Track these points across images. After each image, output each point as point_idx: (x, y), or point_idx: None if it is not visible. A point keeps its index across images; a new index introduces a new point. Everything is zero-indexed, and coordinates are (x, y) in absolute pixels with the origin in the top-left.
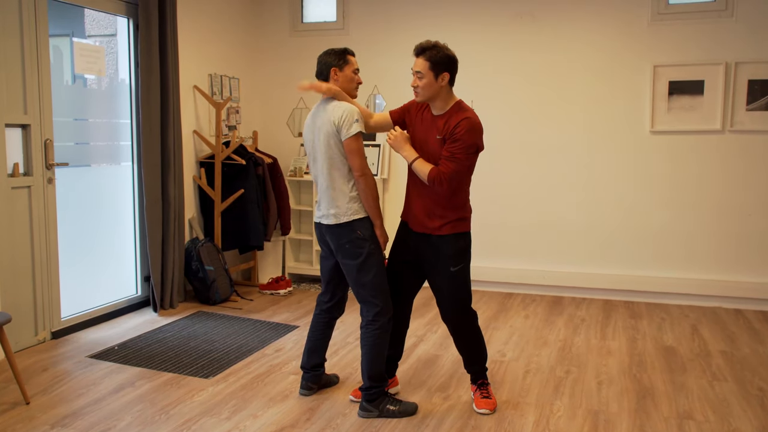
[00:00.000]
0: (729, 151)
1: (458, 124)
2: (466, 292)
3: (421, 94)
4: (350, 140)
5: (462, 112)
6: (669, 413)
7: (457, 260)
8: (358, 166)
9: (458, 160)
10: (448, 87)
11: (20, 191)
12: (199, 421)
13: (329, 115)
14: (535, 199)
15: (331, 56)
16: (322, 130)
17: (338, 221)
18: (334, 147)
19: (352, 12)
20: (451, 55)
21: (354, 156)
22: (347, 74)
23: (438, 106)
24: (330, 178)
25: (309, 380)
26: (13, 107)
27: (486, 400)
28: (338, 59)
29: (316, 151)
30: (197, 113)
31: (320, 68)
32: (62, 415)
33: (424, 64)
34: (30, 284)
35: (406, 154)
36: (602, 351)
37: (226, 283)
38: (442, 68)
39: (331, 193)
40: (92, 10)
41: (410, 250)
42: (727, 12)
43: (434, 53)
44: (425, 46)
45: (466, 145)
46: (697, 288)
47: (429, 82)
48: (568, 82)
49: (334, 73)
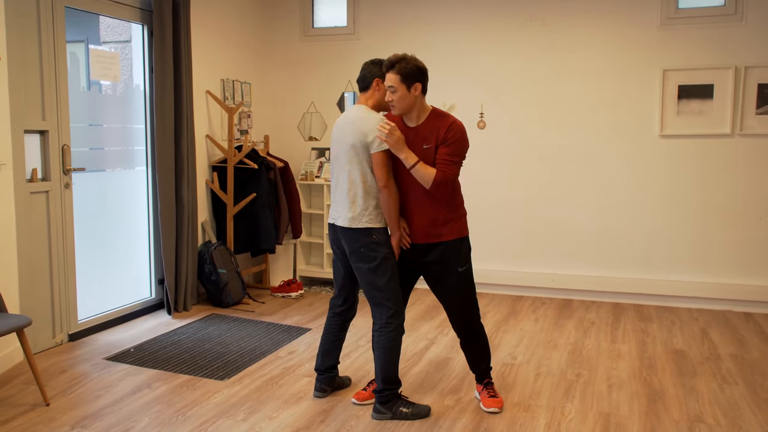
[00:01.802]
0: (738, 155)
1: (449, 129)
2: (473, 292)
3: (397, 107)
4: (378, 153)
5: (444, 117)
6: (680, 417)
7: (464, 261)
8: (383, 178)
9: (456, 163)
10: (421, 97)
11: (38, 196)
12: (216, 422)
13: (361, 123)
14: (544, 203)
15: (377, 66)
16: (352, 136)
17: (353, 225)
18: (361, 155)
19: (362, 17)
20: (420, 66)
21: (380, 167)
22: (385, 87)
23: (414, 117)
24: (354, 183)
25: (323, 382)
26: (32, 113)
27: (494, 399)
28: (382, 71)
29: (341, 153)
30: (210, 118)
31: (364, 75)
32: (82, 416)
33: (395, 77)
34: (48, 288)
35: (406, 156)
36: (612, 354)
37: (239, 285)
38: (413, 79)
39: (352, 197)
40: (107, 17)
41: (408, 256)
42: (736, 16)
43: (403, 66)
44: (393, 60)
45: (462, 147)
46: (707, 291)
47: (403, 95)
48: (578, 86)
49: (377, 84)
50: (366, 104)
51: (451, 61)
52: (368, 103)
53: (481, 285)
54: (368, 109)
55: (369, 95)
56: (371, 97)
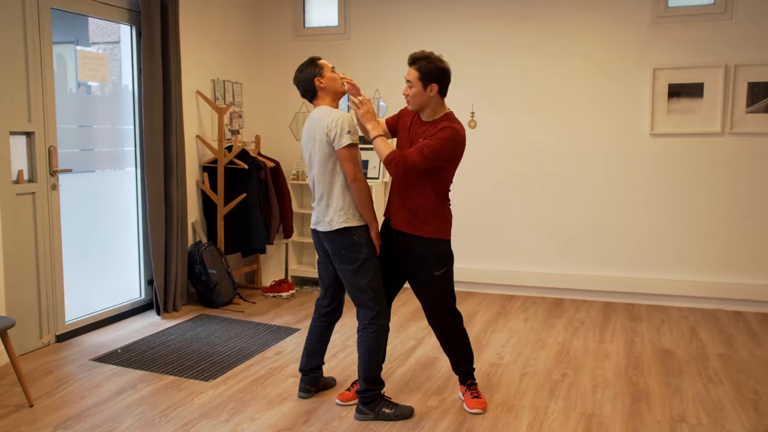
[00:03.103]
0: (729, 154)
1: (442, 129)
2: (450, 296)
3: (411, 102)
4: (343, 149)
5: (449, 121)
6: (662, 416)
7: (440, 264)
8: (350, 173)
9: (424, 156)
10: (438, 98)
11: (25, 198)
12: (198, 423)
13: (322, 122)
14: (535, 202)
15: (305, 71)
16: (317, 137)
17: (332, 228)
18: (327, 154)
19: (353, 17)
20: (442, 67)
21: (346, 163)
22: (328, 76)
23: (427, 115)
24: (324, 184)
25: (307, 383)
26: (17, 115)
27: (477, 399)
28: (314, 68)
29: (313, 157)
30: (200, 118)
31: (305, 86)
32: (65, 418)
33: (415, 73)
34: (35, 289)
35: (372, 128)
36: (599, 354)
37: (229, 286)
38: (431, 79)
39: (326, 200)
40: (96, 19)
41: (392, 249)
42: (726, 15)
43: (424, 64)
44: (417, 56)
45: (440, 147)
46: (697, 290)
47: (418, 92)
48: (568, 85)
49: (318, 83)
50: (323, 104)
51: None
52: (324, 102)
53: (471, 284)
54: (329, 108)
55: (321, 97)
56: (324, 96)
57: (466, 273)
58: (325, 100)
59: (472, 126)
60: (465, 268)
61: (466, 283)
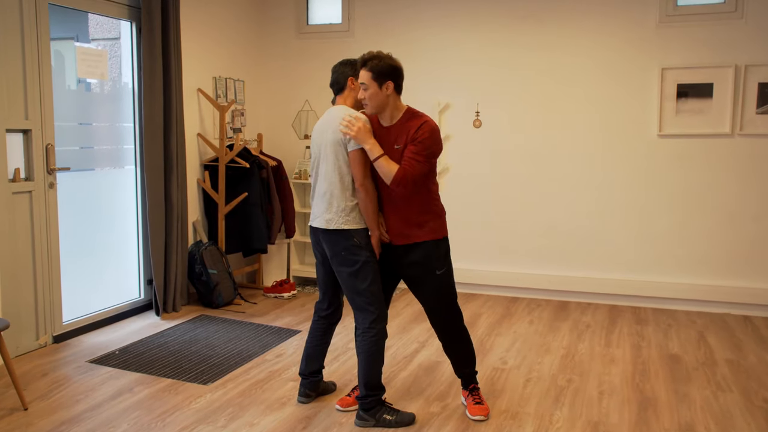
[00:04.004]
0: (738, 155)
1: (420, 128)
2: (453, 292)
3: (369, 105)
4: (356, 151)
5: (418, 117)
6: (670, 425)
7: (441, 263)
8: (360, 177)
9: (421, 162)
10: (394, 95)
11: (21, 196)
12: (196, 428)
13: (339, 120)
14: (541, 203)
15: (348, 66)
16: (330, 134)
17: (330, 226)
18: (339, 153)
19: (357, 14)
20: (393, 65)
21: (356, 166)
22: (359, 84)
23: (388, 116)
24: (331, 183)
25: (307, 387)
26: (14, 112)
27: (479, 406)
28: (354, 70)
29: (321, 154)
30: (202, 116)
31: (336, 77)
32: (60, 421)
33: (367, 74)
34: (31, 289)
35: (370, 148)
36: (605, 359)
37: (230, 286)
38: (385, 77)
39: (329, 198)
40: (96, 15)
41: (390, 256)
42: (736, 14)
43: (376, 63)
44: (367, 58)
45: (429, 148)
46: (705, 294)
47: (374, 92)
48: (575, 85)
49: (351, 82)
50: (345, 104)
51: (447, 59)
52: (346, 102)
53: (476, 286)
54: (347, 108)
55: (346, 95)
56: (348, 96)
57: (470, 274)
58: (347, 101)
59: (477, 125)
60: (469, 270)
61: (470, 284)
